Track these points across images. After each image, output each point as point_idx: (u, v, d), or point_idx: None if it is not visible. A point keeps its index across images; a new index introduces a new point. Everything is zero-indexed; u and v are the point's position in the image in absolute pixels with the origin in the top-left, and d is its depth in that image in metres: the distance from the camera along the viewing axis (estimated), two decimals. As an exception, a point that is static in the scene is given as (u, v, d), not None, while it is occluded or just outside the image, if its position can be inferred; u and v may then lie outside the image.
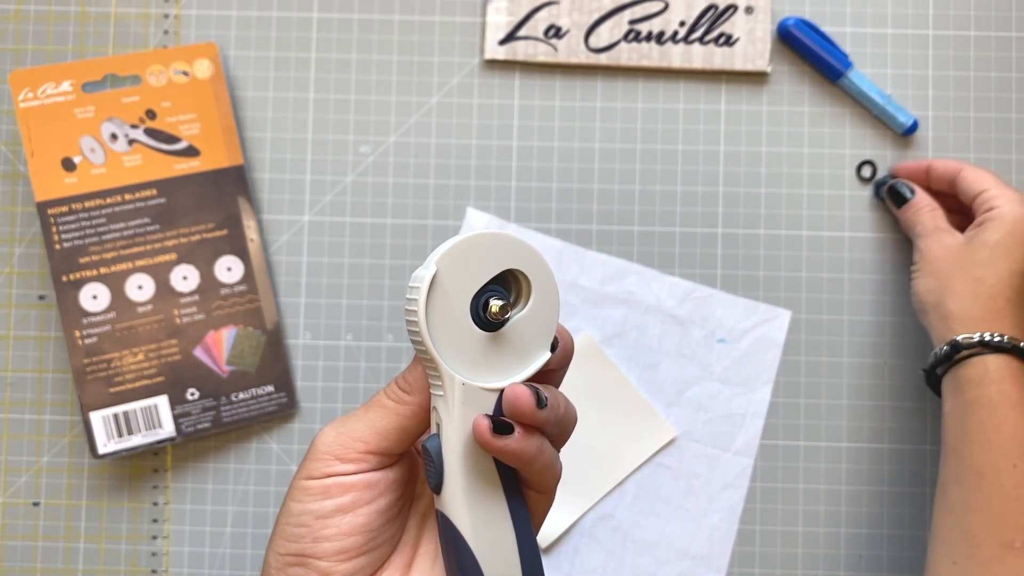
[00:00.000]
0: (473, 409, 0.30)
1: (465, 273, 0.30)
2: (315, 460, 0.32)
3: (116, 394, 0.51)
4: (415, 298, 0.29)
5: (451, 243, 0.30)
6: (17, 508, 0.53)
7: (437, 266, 0.29)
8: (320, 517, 0.31)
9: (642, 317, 0.53)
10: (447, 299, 0.30)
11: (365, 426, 0.32)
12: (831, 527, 0.52)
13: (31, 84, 0.51)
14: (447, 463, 0.30)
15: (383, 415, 0.32)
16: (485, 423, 0.30)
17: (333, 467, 0.31)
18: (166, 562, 0.52)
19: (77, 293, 0.51)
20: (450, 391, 0.30)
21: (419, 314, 0.29)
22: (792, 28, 0.53)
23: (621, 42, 0.53)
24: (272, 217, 0.53)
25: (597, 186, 0.53)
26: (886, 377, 0.53)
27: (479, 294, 0.30)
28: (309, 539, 0.31)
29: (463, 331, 0.30)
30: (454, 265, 0.30)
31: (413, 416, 0.32)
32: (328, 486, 0.31)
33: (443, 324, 0.30)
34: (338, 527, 0.31)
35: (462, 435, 0.30)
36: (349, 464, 0.32)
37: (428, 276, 0.29)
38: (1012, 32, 0.54)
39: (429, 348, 0.30)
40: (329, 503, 0.31)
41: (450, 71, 0.54)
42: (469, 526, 0.31)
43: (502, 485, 0.31)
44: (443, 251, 0.30)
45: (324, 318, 0.53)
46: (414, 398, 0.32)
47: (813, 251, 0.53)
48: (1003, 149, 0.53)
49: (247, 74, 0.54)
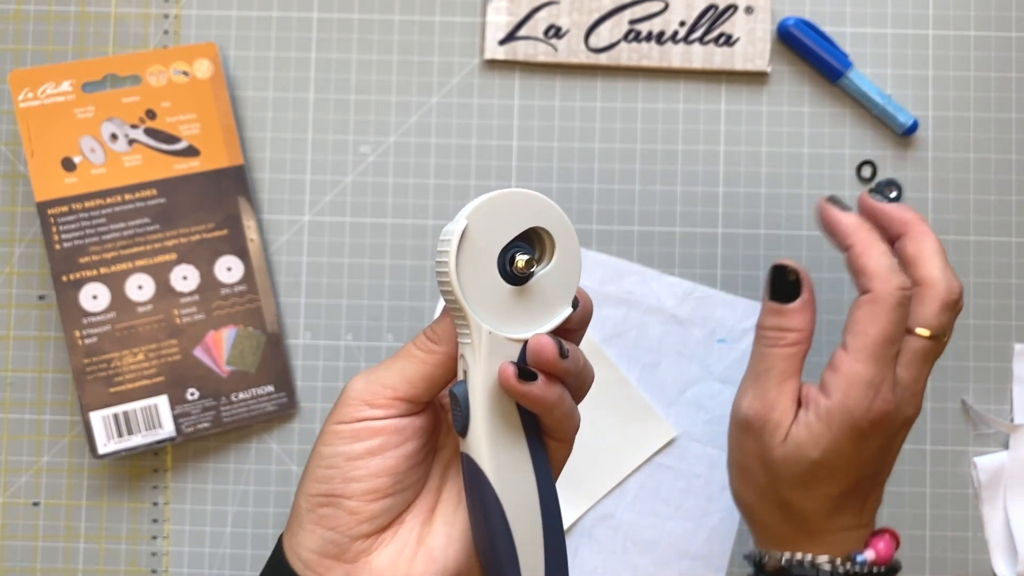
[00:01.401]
0: (499, 357, 0.32)
1: (493, 228, 0.32)
2: (346, 406, 0.33)
3: (116, 394, 0.51)
4: (446, 250, 0.31)
5: (481, 199, 0.32)
6: (17, 508, 0.53)
7: (467, 220, 0.31)
8: (350, 459, 0.33)
9: (642, 317, 0.53)
10: (476, 252, 0.31)
11: (394, 374, 0.34)
12: (831, 527, 0.52)
13: (31, 84, 0.51)
14: (473, 407, 0.32)
15: (411, 363, 0.34)
16: (511, 369, 0.31)
17: (363, 412, 0.33)
18: (166, 562, 0.52)
19: (77, 293, 0.51)
20: (477, 339, 0.32)
21: (450, 265, 0.31)
22: (792, 28, 0.53)
23: (621, 42, 0.53)
24: (272, 217, 0.53)
25: (597, 186, 0.53)
26: (886, 377, 0.53)
27: (506, 249, 0.32)
28: (339, 480, 0.33)
29: (490, 283, 0.32)
30: (483, 220, 0.31)
31: (440, 365, 0.34)
32: (358, 430, 0.33)
33: (472, 276, 0.31)
34: (367, 468, 0.33)
35: (488, 381, 0.32)
36: (378, 409, 0.33)
37: (459, 229, 0.31)
38: (1012, 32, 0.54)
39: (458, 297, 0.31)
40: (359, 446, 0.33)
41: (450, 71, 0.54)
42: (492, 467, 0.32)
43: (524, 430, 0.33)
44: (474, 206, 0.31)
45: (324, 318, 0.53)
46: (442, 348, 0.33)
47: (813, 251, 0.53)
48: (1003, 149, 0.53)
49: (247, 74, 0.54)
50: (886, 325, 0.39)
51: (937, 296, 0.40)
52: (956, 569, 0.52)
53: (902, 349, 0.40)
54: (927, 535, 0.52)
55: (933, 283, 0.40)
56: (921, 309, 0.40)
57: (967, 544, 0.52)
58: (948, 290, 0.40)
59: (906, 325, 0.40)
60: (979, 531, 0.52)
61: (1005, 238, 0.53)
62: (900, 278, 0.39)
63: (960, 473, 0.52)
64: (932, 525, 0.52)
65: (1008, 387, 0.53)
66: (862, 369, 0.39)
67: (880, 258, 0.40)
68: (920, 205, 0.53)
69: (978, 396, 0.53)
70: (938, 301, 0.40)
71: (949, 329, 0.40)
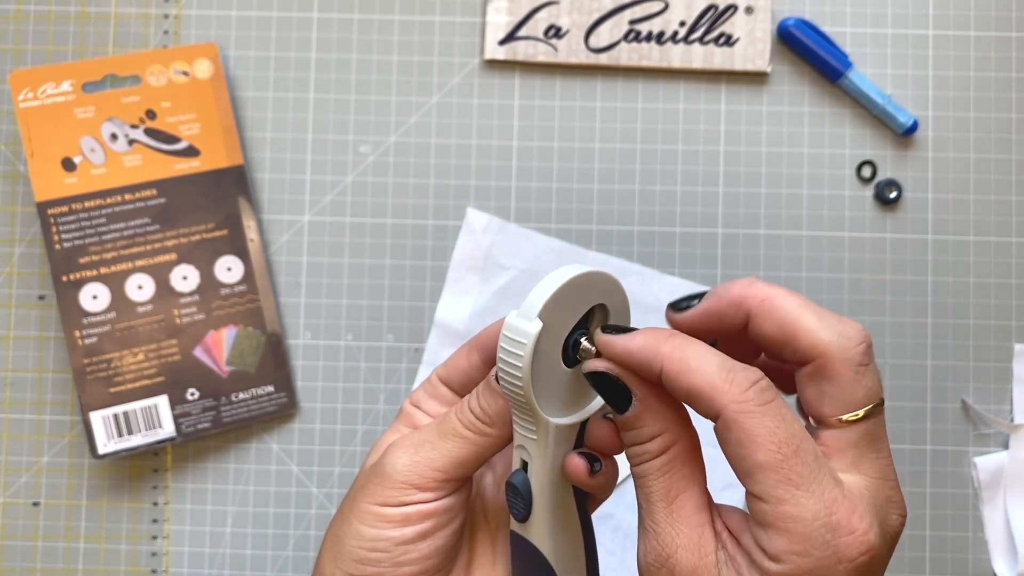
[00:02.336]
0: (561, 445, 0.31)
1: (559, 318, 0.30)
2: (391, 488, 0.32)
3: (116, 394, 0.51)
4: (519, 353, 0.29)
5: (549, 292, 0.29)
6: (17, 508, 0.53)
7: (542, 320, 0.29)
8: (401, 544, 0.32)
9: (642, 317, 0.53)
10: (543, 348, 0.30)
11: (442, 455, 0.32)
12: (831, 527, 0.52)
13: (31, 84, 0.51)
14: (536, 497, 0.31)
15: (462, 445, 0.32)
16: (583, 465, 0.31)
17: (412, 496, 0.32)
18: (166, 562, 0.52)
19: (77, 293, 0.51)
20: (543, 434, 0.31)
21: (524, 370, 0.29)
22: (792, 28, 0.53)
23: (621, 42, 0.53)
24: (272, 217, 0.53)
25: (597, 186, 0.53)
26: (886, 377, 0.53)
27: (569, 336, 0.31)
28: (388, 563, 0.32)
29: (553, 373, 0.30)
30: (551, 313, 0.29)
31: (493, 446, 0.32)
32: (408, 514, 0.32)
33: (539, 373, 0.30)
34: (419, 551, 0.32)
35: (551, 470, 0.31)
36: (428, 492, 0.32)
37: (534, 332, 0.29)
38: (1012, 32, 0.54)
39: (531, 401, 0.30)
40: (410, 530, 0.32)
41: (450, 71, 0.54)
42: (551, 548, 0.32)
43: (576, 505, 0.33)
44: (543, 302, 0.29)
45: (324, 318, 0.53)
46: (496, 430, 0.32)
47: (813, 251, 0.53)
48: (1003, 149, 0.53)
49: (247, 74, 0.54)
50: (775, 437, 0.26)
51: (839, 363, 0.28)
52: (956, 569, 0.52)
53: (837, 450, 0.29)
54: (927, 535, 0.52)
55: (822, 351, 0.28)
56: (831, 389, 0.29)
57: (967, 544, 0.52)
58: (844, 347, 0.28)
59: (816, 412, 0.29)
60: (979, 531, 0.52)
61: (1005, 238, 0.53)
62: (743, 375, 0.27)
63: (960, 473, 0.52)
64: (932, 525, 0.52)
65: (1008, 387, 0.53)
66: (796, 508, 0.26)
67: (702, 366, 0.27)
68: (920, 205, 0.53)
69: (978, 396, 0.53)
70: (844, 368, 0.28)
71: (878, 390, 0.29)
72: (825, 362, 0.28)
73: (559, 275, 0.29)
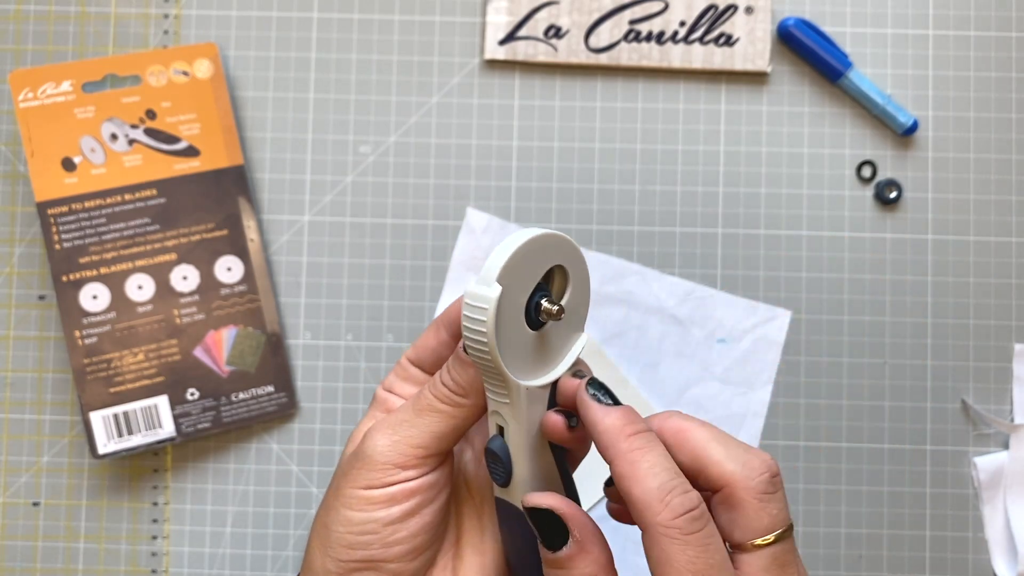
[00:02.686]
0: (534, 407, 0.31)
1: (518, 282, 0.30)
2: (374, 470, 0.32)
3: (116, 394, 0.51)
4: (482, 319, 0.29)
5: (505, 256, 0.29)
6: (17, 508, 0.53)
7: (501, 284, 0.29)
8: (389, 524, 0.32)
9: (642, 317, 0.53)
10: (506, 312, 0.30)
11: (421, 431, 0.32)
12: (831, 527, 0.52)
13: (31, 84, 0.51)
14: (515, 460, 0.32)
15: (440, 419, 0.32)
16: (561, 421, 0.31)
17: (396, 475, 0.32)
18: (166, 562, 0.52)
19: (77, 293, 0.51)
20: (516, 397, 0.31)
21: (489, 335, 0.29)
22: (792, 28, 0.53)
23: (621, 42, 0.53)
24: (272, 217, 0.53)
25: (597, 186, 0.53)
26: (886, 377, 0.53)
27: (530, 298, 0.31)
28: (378, 545, 0.32)
29: (518, 336, 0.31)
30: (509, 276, 0.30)
31: (469, 417, 0.33)
32: (393, 494, 0.32)
33: (504, 337, 0.30)
34: (407, 529, 0.32)
35: (527, 433, 0.31)
36: (411, 470, 0.32)
37: (495, 297, 0.29)
38: (1012, 32, 0.54)
39: (499, 365, 0.30)
40: (396, 509, 0.32)
41: (450, 71, 0.54)
42: None
43: (556, 462, 0.33)
44: (500, 266, 0.29)
45: (324, 318, 0.53)
46: (470, 400, 0.32)
47: (813, 251, 0.53)
48: (1003, 149, 0.53)
49: (247, 74, 0.54)
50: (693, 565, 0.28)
51: (744, 491, 0.29)
52: (956, 569, 0.52)
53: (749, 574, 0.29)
54: (927, 535, 0.52)
55: (727, 481, 0.30)
56: (738, 516, 0.29)
57: (967, 544, 0.52)
58: (748, 477, 0.29)
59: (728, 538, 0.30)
60: (979, 531, 0.52)
61: (1005, 238, 0.53)
62: (679, 500, 0.28)
63: (960, 473, 0.52)
64: (932, 525, 0.52)
65: (1008, 387, 0.53)
66: None
67: (646, 479, 0.28)
68: (920, 205, 0.53)
69: (978, 396, 0.53)
70: (748, 496, 0.29)
71: (785, 516, 0.30)
72: (731, 491, 0.30)
73: (515, 239, 0.30)
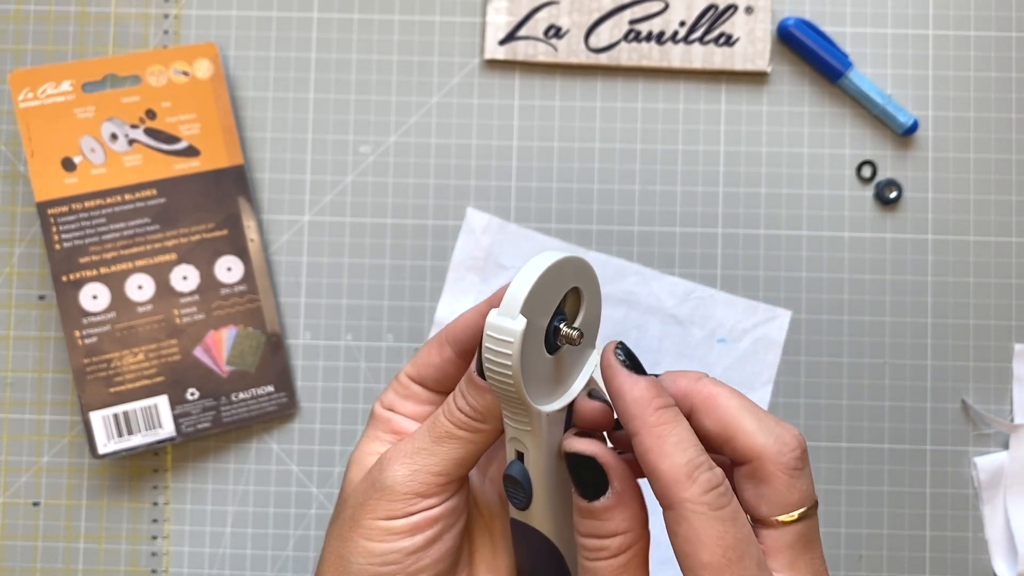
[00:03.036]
0: (552, 429, 0.31)
1: (539, 310, 0.30)
2: (395, 501, 0.32)
3: (116, 394, 0.51)
4: (508, 352, 0.29)
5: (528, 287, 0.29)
6: (17, 508, 0.53)
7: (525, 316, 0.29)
8: (412, 553, 0.32)
9: (642, 317, 0.53)
10: (527, 341, 0.29)
11: (441, 460, 0.32)
12: (831, 527, 0.52)
13: (31, 84, 0.51)
14: (535, 485, 0.31)
15: (459, 446, 0.32)
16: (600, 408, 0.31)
17: (418, 504, 0.32)
18: (166, 562, 0.52)
19: (77, 293, 0.51)
20: (537, 424, 0.30)
21: (515, 368, 0.29)
22: (792, 28, 0.53)
23: (621, 42, 0.53)
24: (272, 217, 0.53)
25: (597, 186, 0.53)
26: (886, 377, 0.53)
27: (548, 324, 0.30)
28: (401, 575, 0.32)
29: (537, 362, 0.30)
30: (531, 307, 0.29)
31: (488, 441, 0.32)
32: (416, 523, 0.32)
33: (526, 366, 0.30)
34: (431, 557, 0.32)
35: (548, 456, 0.31)
36: (433, 498, 0.32)
37: (520, 330, 0.28)
38: (1012, 32, 0.54)
39: (523, 396, 0.29)
40: (420, 537, 0.32)
41: (450, 71, 0.54)
42: (555, 531, 0.32)
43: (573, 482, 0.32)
44: (523, 298, 0.29)
45: (324, 318, 0.53)
46: (489, 425, 0.32)
47: (813, 251, 0.53)
48: (1003, 149, 0.53)
49: (247, 74, 0.54)
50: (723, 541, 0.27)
51: (774, 466, 0.29)
52: (956, 569, 0.52)
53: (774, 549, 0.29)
54: (927, 535, 0.52)
55: (759, 454, 0.29)
56: (767, 491, 0.29)
57: (967, 544, 0.52)
58: (780, 452, 0.29)
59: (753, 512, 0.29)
60: (979, 531, 0.52)
61: (1005, 238, 0.53)
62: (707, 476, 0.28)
63: (960, 473, 0.52)
64: (932, 525, 0.52)
65: (1008, 387, 0.53)
66: None
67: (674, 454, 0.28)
68: (920, 205, 0.53)
69: (978, 396, 0.53)
70: (779, 471, 0.29)
71: (812, 493, 0.30)
72: (761, 464, 0.29)
73: (534, 267, 0.29)
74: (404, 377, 0.36)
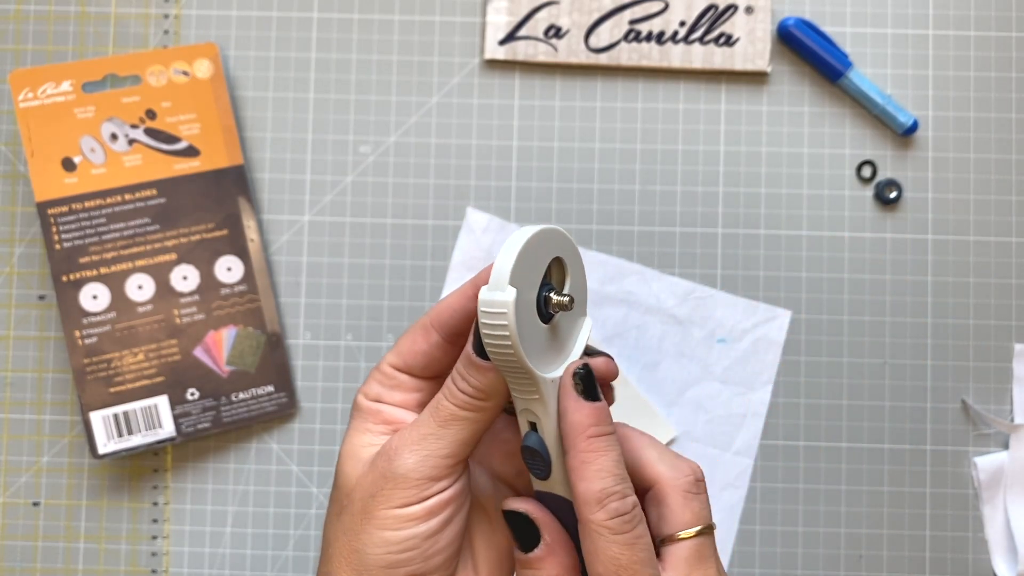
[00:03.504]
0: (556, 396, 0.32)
1: (526, 281, 0.31)
2: (409, 488, 0.32)
3: (116, 394, 0.51)
4: (503, 323, 0.30)
5: (512, 258, 0.30)
6: (17, 508, 0.53)
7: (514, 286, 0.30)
8: (429, 536, 0.32)
9: (642, 317, 0.53)
10: (521, 312, 0.30)
11: (449, 442, 0.33)
12: (831, 527, 0.52)
13: (31, 84, 0.51)
14: (552, 452, 0.32)
15: (464, 427, 0.33)
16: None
17: (431, 488, 0.32)
18: (166, 562, 0.52)
19: (77, 293, 0.51)
20: (545, 391, 0.31)
21: (512, 337, 0.30)
22: (792, 28, 0.53)
23: (621, 42, 0.53)
24: (272, 217, 0.53)
25: (597, 186, 0.53)
26: (886, 377, 0.53)
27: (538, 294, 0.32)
28: (419, 559, 0.32)
29: (534, 332, 0.31)
30: (518, 277, 0.30)
31: (490, 419, 0.33)
32: (431, 507, 0.32)
33: (523, 335, 0.30)
34: (446, 539, 0.33)
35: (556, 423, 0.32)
36: (444, 480, 0.33)
37: (511, 300, 0.30)
38: (1012, 32, 0.54)
39: (526, 364, 0.30)
40: (435, 520, 0.32)
41: (450, 71, 0.54)
42: None
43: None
44: (509, 270, 0.30)
45: (324, 318, 0.53)
46: (492, 402, 0.33)
47: (813, 251, 0.53)
48: (1003, 149, 0.53)
49: (247, 74, 0.54)
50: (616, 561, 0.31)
51: (671, 489, 0.33)
52: (956, 569, 0.52)
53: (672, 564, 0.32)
54: (927, 535, 0.52)
55: (657, 478, 0.33)
56: (664, 511, 0.33)
57: (967, 544, 0.52)
58: (675, 476, 0.33)
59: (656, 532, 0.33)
60: (979, 531, 0.52)
61: (1005, 238, 0.53)
62: (616, 504, 0.31)
63: (960, 473, 0.52)
64: (932, 525, 0.52)
65: (1008, 387, 0.53)
66: None
67: (593, 480, 0.31)
68: (920, 205, 0.53)
69: (978, 396, 0.53)
70: (675, 493, 0.33)
71: (708, 516, 0.33)
72: (660, 488, 0.33)
73: (515, 241, 0.31)
74: (387, 367, 0.36)
